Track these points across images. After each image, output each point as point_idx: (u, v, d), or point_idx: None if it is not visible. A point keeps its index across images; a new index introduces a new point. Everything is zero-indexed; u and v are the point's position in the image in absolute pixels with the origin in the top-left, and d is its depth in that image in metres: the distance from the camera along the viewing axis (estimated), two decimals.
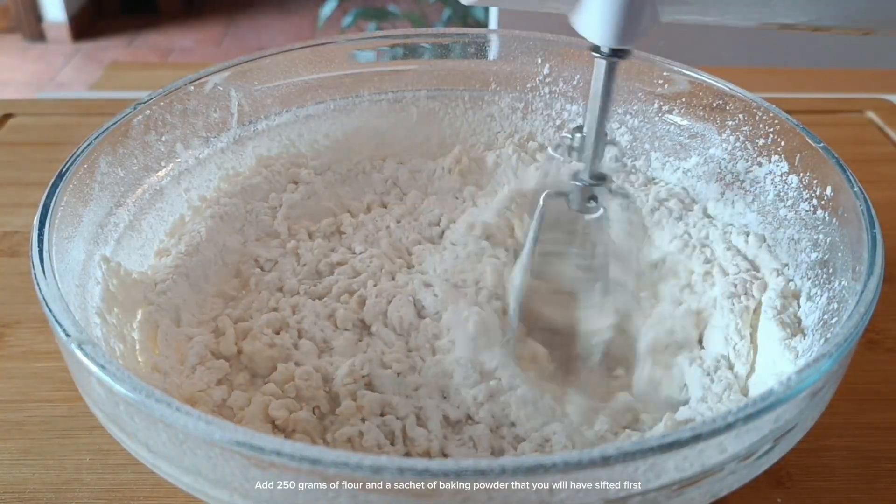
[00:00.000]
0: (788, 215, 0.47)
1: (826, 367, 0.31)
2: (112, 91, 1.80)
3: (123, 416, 0.31)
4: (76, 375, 0.34)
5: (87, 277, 0.41)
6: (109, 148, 0.46)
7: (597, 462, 0.27)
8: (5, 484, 0.43)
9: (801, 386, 0.30)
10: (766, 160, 0.49)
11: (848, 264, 0.40)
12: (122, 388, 0.29)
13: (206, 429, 0.28)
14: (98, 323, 0.40)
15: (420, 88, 0.60)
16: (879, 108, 0.81)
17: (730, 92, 0.52)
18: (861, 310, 0.33)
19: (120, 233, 0.46)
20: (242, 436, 0.27)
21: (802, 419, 0.32)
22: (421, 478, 0.26)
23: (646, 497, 0.29)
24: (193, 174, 0.52)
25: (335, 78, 0.58)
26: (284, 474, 0.28)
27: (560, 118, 0.59)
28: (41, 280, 0.35)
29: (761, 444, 0.31)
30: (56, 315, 0.33)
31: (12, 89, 2.64)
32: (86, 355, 0.31)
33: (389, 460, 0.26)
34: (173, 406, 0.28)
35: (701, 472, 0.29)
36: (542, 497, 0.28)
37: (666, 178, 0.56)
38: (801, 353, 0.40)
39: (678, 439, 0.27)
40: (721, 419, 0.28)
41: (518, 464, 0.26)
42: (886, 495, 0.42)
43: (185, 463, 0.30)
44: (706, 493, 0.31)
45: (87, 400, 0.34)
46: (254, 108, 0.55)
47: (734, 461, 0.30)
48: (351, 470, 0.26)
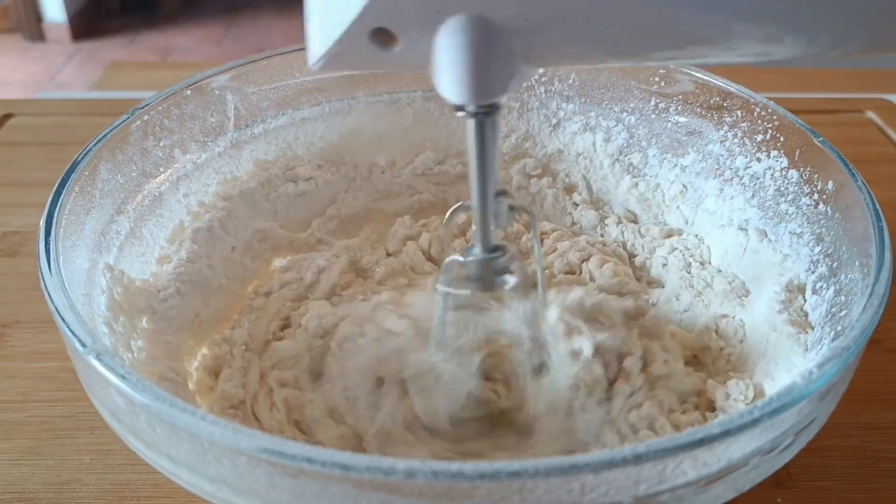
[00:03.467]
0: (790, 210, 0.48)
1: (847, 358, 0.31)
2: (112, 91, 1.78)
3: (144, 427, 0.31)
4: (91, 386, 0.33)
5: (93, 286, 0.41)
6: (109, 154, 0.45)
7: (629, 460, 0.27)
8: (5, 484, 0.43)
9: (823, 379, 0.30)
10: (765, 156, 0.50)
11: (853, 257, 0.40)
12: (145, 398, 0.29)
13: (233, 437, 0.28)
14: (106, 332, 0.39)
15: (415, 89, 0.59)
16: (879, 108, 0.82)
17: (726, 88, 0.52)
18: (875, 302, 0.34)
19: (121, 240, 0.45)
20: (271, 443, 0.27)
21: (822, 412, 0.33)
22: (455, 480, 0.26)
23: (674, 493, 0.29)
24: (192, 179, 0.51)
25: (330, 80, 0.58)
26: (313, 481, 0.28)
27: (556, 117, 0.59)
28: (53, 291, 0.34)
29: (784, 438, 0.31)
30: (70, 326, 0.32)
31: (12, 89, 2.63)
32: (105, 366, 0.30)
33: (422, 464, 0.26)
34: (198, 415, 0.28)
35: (727, 467, 0.30)
36: (573, 497, 0.28)
37: (663, 174, 0.56)
38: (810, 346, 0.40)
39: (708, 435, 0.28)
40: (748, 414, 0.28)
41: (552, 464, 0.26)
42: (886, 495, 0.43)
43: (209, 472, 0.30)
44: (730, 489, 0.31)
45: (102, 410, 0.34)
46: (250, 111, 0.55)
47: (758, 455, 0.30)
48: (384, 475, 0.26)
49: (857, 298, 0.38)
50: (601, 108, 0.58)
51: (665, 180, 0.56)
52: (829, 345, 0.38)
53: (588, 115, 0.58)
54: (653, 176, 0.57)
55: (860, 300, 0.36)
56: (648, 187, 0.57)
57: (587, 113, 0.58)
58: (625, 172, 0.58)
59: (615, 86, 0.57)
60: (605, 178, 0.58)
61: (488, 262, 0.38)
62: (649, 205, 0.57)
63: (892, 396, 0.49)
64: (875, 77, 1.20)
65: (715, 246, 0.52)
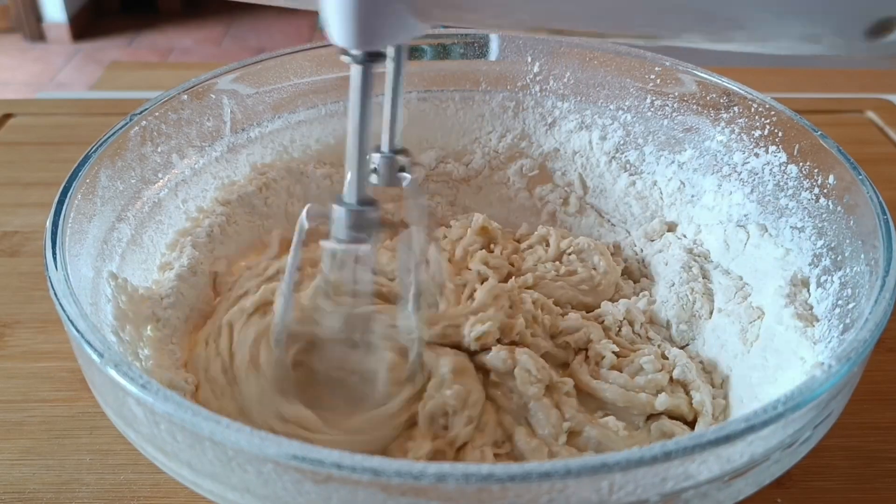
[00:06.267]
0: (790, 205, 0.48)
1: (864, 351, 0.31)
2: (112, 91, 1.76)
3: (164, 436, 0.30)
4: (106, 396, 0.33)
5: (99, 295, 0.40)
6: (108, 161, 0.45)
7: (659, 458, 0.27)
8: (5, 484, 0.42)
9: (842, 372, 0.31)
10: (763, 151, 0.50)
11: (858, 250, 0.41)
12: (167, 407, 0.29)
13: (259, 444, 0.27)
14: (115, 342, 0.39)
15: (411, 90, 0.59)
16: (879, 108, 0.82)
17: (724, 86, 0.53)
18: (887, 295, 0.34)
19: (123, 247, 0.45)
20: (299, 450, 0.27)
21: (838, 405, 0.33)
22: (486, 483, 0.26)
23: (698, 490, 0.29)
24: (190, 185, 0.51)
25: (325, 82, 0.57)
26: (342, 487, 0.27)
27: (552, 116, 0.60)
28: (64, 301, 0.34)
29: (803, 432, 0.31)
30: (85, 336, 0.32)
31: (12, 89, 2.61)
32: (123, 376, 0.30)
33: (452, 467, 0.26)
34: (223, 423, 0.28)
35: (749, 462, 0.30)
36: (601, 496, 0.28)
37: (661, 171, 0.56)
38: (818, 340, 0.41)
39: (734, 431, 0.28)
40: (771, 409, 0.29)
41: (583, 464, 0.26)
42: (886, 495, 0.43)
43: (233, 480, 0.29)
44: (752, 483, 0.31)
45: (117, 421, 0.34)
46: (246, 115, 0.55)
47: (779, 450, 0.31)
48: (414, 479, 0.26)
49: (864, 291, 0.38)
50: (597, 106, 0.58)
51: (662, 177, 0.56)
52: (840, 337, 0.38)
53: (584, 113, 0.59)
54: (650, 173, 0.57)
55: (869, 292, 0.37)
56: (646, 184, 0.57)
57: (583, 111, 0.59)
58: (622, 170, 0.58)
59: (610, 84, 0.57)
60: (602, 175, 0.59)
61: (360, 214, 0.37)
62: (647, 202, 0.57)
63: (892, 396, 0.49)
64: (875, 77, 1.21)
65: (715, 241, 0.52)
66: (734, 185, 0.52)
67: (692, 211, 0.54)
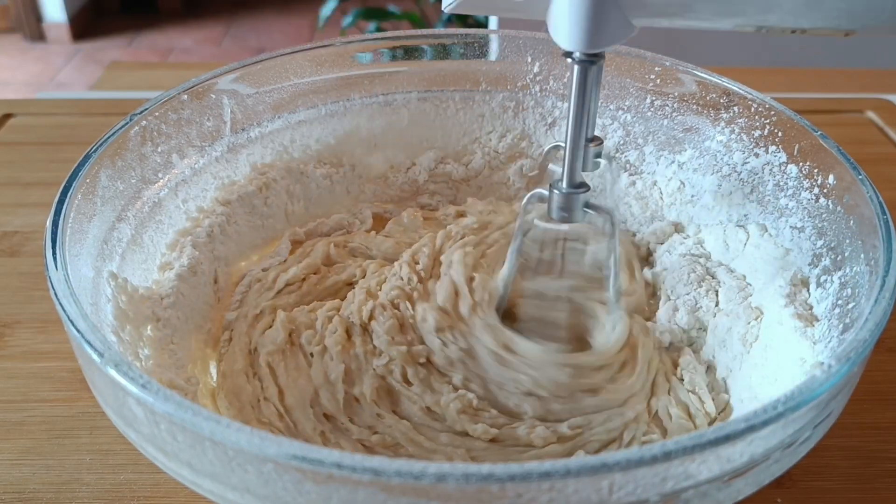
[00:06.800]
0: (790, 204, 0.48)
1: (864, 351, 0.31)
2: (112, 91, 1.77)
3: (164, 436, 0.30)
4: (106, 396, 0.33)
5: (99, 295, 0.40)
6: (108, 161, 0.45)
7: (659, 458, 0.27)
8: (5, 484, 0.42)
9: (842, 371, 0.31)
10: (763, 151, 0.50)
11: (858, 250, 0.41)
12: (168, 407, 0.29)
13: (260, 444, 0.27)
14: (115, 341, 0.39)
15: (411, 90, 0.59)
16: (879, 108, 0.82)
17: (724, 86, 0.53)
18: (887, 294, 0.34)
19: (123, 247, 0.45)
20: (299, 450, 0.27)
21: (838, 404, 0.33)
22: (486, 483, 0.26)
23: (698, 490, 0.29)
24: (190, 185, 0.51)
25: (325, 82, 0.57)
26: (342, 487, 0.27)
27: (552, 116, 0.60)
28: (64, 301, 0.34)
29: (803, 432, 0.31)
30: (85, 336, 0.32)
31: (12, 89, 2.62)
32: (123, 376, 0.30)
33: (453, 467, 0.26)
34: (223, 423, 0.28)
35: (749, 462, 0.30)
36: (602, 496, 0.28)
37: (661, 171, 0.56)
38: (818, 339, 0.41)
39: (734, 431, 0.28)
40: (771, 409, 0.29)
41: (583, 464, 0.26)
42: (886, 495, 0.43)
43: (233, 480, 0.30)
44: (752, 483, 0.31)
45: (117, 421, 0.34)
46: (246, 115, 0.55)
47: (779, 450, 0.31)
48: (414, 479, 0.26)
49: (864, 291, 0.38)
50: None
51: (662, 177, 0.56)
52: (840, 337, 0.38)
53: None
54: (650, 173, 0.57)
55: (869, 292, 0.37)
56: (646, 184, 0.57)
57: None
58: (621, 170, 0.58)
59: (610, 84, 0.57)
60: (602, 175, 0.59)
61: (572, 196, 0.42)
62: (647, 202, 0.57)
63: (892, 396, 0.49)
64: (875, 77, 1.21)
65: (714, 241, 0.52)
66: (734, 185, 0.52)
67: (692, 211, 0.54)
